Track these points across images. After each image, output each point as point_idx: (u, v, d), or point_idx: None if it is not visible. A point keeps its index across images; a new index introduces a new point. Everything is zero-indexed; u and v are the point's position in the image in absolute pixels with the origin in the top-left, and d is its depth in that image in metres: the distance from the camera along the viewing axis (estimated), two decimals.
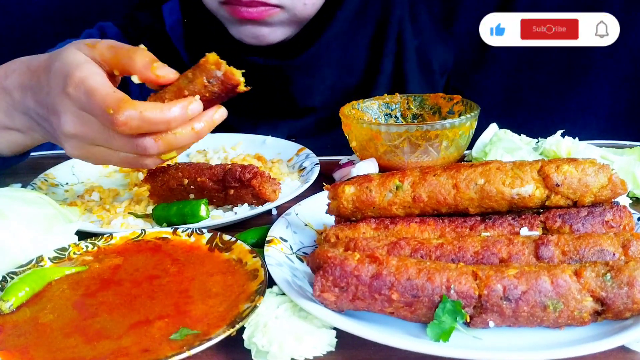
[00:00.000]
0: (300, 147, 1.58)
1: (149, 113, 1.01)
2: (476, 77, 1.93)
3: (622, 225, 0.96)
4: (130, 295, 0.95)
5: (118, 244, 1.11)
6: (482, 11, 1.64)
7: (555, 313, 0.81)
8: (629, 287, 0.81)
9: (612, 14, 1.56)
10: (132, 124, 1.01)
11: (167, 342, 0.83)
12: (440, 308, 0.82)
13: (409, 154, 1.37)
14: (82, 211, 1.33)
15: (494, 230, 0.98)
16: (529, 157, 1.36)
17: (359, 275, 0.83)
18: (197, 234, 1.11)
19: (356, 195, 1.02)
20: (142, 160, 1.10)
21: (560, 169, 0.96)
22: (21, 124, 1.23)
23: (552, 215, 0.98)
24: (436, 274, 0.83)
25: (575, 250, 0.89)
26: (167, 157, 1.10)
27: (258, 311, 0.88)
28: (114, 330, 0.86)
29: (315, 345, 0.84)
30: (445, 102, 1.53)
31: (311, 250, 1.04)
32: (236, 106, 1.85)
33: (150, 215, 1.27)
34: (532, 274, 0.82)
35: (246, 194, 1.27)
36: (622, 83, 1.87)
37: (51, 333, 0.87)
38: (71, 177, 1.53)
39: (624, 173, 1.27)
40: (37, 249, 1.06)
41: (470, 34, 1.72)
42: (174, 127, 1.04)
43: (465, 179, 0.99)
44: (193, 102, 1.05)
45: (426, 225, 1.00)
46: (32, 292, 0.96)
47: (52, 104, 1.10)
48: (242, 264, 1.01)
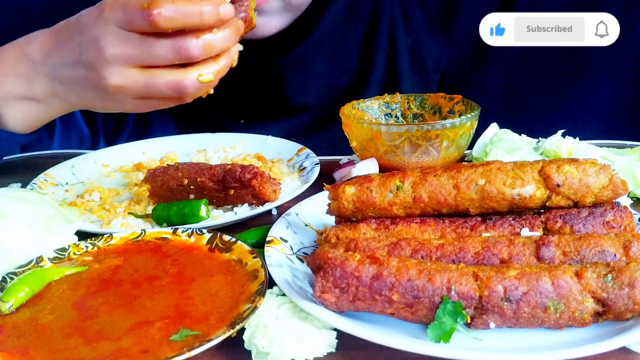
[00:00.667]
0: (301, 147, 1.58)
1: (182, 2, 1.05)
2: (476, 77, 1.93)
3: (623, 225, 0.96)
4: (130, 296, 0.95)
5: (118, 244, 1.11)
6: (482, 11, 1.63)
7: (556, 314, 0.81)
8: (630, 288, 0.81)
9: (612, 14, 1.55)
10: (165, 13, 1.04)
11: (167, 343, 0.83)
12: (440, 309, 0.82)
13: (410, 154, 1.36)
14: (82, 211, 1.33)
15: (495, 230, 0.98)
16: (530, 157, 1.36)
17: (359, 276, 0.83)
18: (197, 234, 1.11)
19: (356, 196, 1.02)
20: (185, 79, 1.10)
21: (561, 170, 0.96)
22: (41, 89, 1.24)
23: (553, 216, 0.98)
24: (437, 274, 0.83)
25: (576, 251, 0.89)
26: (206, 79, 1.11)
27: (258, 312, 0.88)
28: (114, 331, 0.86)
29: (315, 346, 0.84)
30: (445, 102, 1.53)
31: (311, 251, 1.04)
32: (229, 105, 1.86)
33: (150, 215, 1.27)
34: (533, 274, 0.82)
35: (246, 194, 1.26)
36: (622, 83, 1.86)
37: (51, 334, 0.87)
38: (71, 177, 1.52)
39: (625, 173, 1.27)
40: (37, 249, 1.06)
41: (470, 34, 1.72)
42: (206, 20, 1.06)
43: (465, 179, 0.99)
44: (224, 4, 1.09)
45: (427, 225, 1.00)
46: (31, 293, 0.96)
47: (88, 38, 1.13)
48: (242, 264, 1.01)
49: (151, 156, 1.62)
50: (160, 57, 1.09)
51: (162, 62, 1.10)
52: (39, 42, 1.23)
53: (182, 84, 1.10)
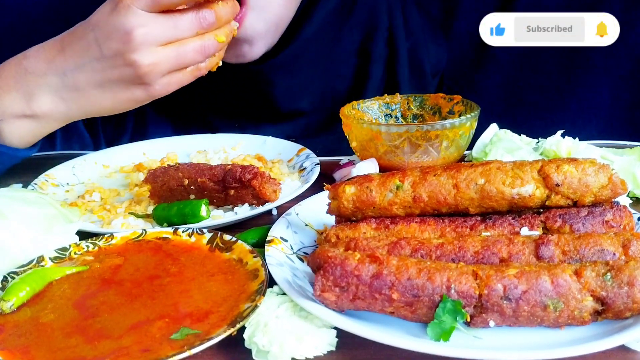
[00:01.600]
0: (301, 147, 1.58)
1: None
2: (476, 77, 1.93)
3: (622, 225, 0.96)
4: (131, 295, 0.95)
5: (119, 244, 1.11)
6: (481, 11, 1.64)
7: (556, 313, 0.82)
8: (629, 287, 0.81)
9: (612, 14, 1.55)
10: None
11: (167, 342, 0.83)
12: (440, 308, 0.82)
13: (409, 154, 1.37)
14: (83, 211, 1.33)
15: (494, 230, 0.98)
16: (529, 157, 1.36)
17: (359, 275, 0.84)
18: (198, 234, 1.11)
19: (356, 195, 1.02)
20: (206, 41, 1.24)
21: (561, 169, 0.96)
22: (41, 106, 1.26)
23: (553, 215, 0.98)
24: (436, 273, 0.83)
25: (576, 250, 0.89)
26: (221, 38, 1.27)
27: (259, 311, 0.88)
28: (115, 330, 0.86)
29: (315, 345, 0.84)
30: (445, 102, 1.53)
31: (312, 250, 1.04)
32: (221, 111, 1.86)
33: (150, 215, 1.27)
34: (532, 273, 0.82)
35: (246, 194, 1.27)
36: (622, 83, 1.87)
37: (52, 333, 0.87)
38: (72, 178, 1.53)
39: (624, 173, 1.27)
40: (38, 249, 1.06)
41: (470, 34, 1.72)
42: None
43: (465, 179, 0.99)
44: None
45: (426, 225, 1.00)
46: (32, 292, 0.96)
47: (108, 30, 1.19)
48: (242, 263, 1.01)
49: (152, 157, 1.62)
50: (186, 30, 1.21)
51: (188, 35, 1.22)
52: (39, 54, 1.25)
53: (205, 45, 1.24)
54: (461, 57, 1.92)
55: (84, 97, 1.25)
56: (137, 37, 1.17)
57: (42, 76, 1.23)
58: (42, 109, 1.26)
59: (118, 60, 1.19)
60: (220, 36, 1.28)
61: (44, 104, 1.25)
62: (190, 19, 1.21)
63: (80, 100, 1.25)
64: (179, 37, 1.21)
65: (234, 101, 1.85)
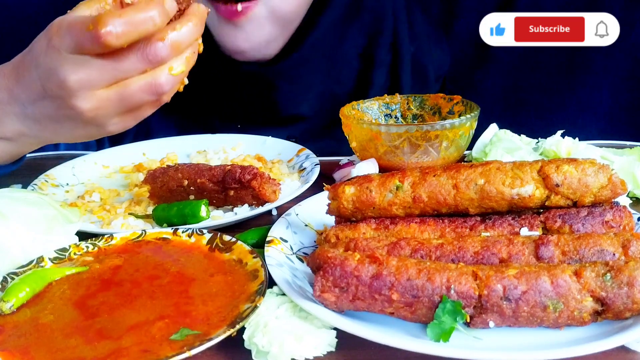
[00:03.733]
0: (301, 147, 1.58)
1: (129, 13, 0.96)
2: (476, 78, 1.93)
3: (622, 225, 0.96)
4: (131, 296, 0.95)
5: (118, 244, 1.11)
6: (481, 11, 1.64)
7: (555, 313, 0.81)
8: (629, 287, 0.81)
9: (612, 14, 1.56)
10: (116, 30, 0.95)
11: (167, 343, 0.83)
12: (440, 308, 0.82)
13: (409, 155, 1.37)
14: (83, 212, 1.33)
15: (494, 230, 0.98)
16: (529, 158, 1.37)
17: (359, 276, 0.84)
18: (198, 234, 1.11)
19: (356, 196, 1.02)
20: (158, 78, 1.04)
21: (560, 169, 0.96)
22: (12, 129, 1.18)
23: (552, 216, 0.98)
24: (436, 274, 0.83)
25: (575, 251, 0.89)
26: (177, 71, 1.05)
27: (258, 311, 0.88)
28: (115, 330, 0.86)
29: (315, 346, 0.84)
30: (445, 103, 1.53)
31: (311, 251, 1.04)
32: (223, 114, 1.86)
33: (150, 215, 1.27)
34: (532, 274, 0.82)
35: (246, 194, 1.27)
36: (622, 83, 1.87)
37: (52, 333, 0.87)
38: (71, 178, 1.53)
39: (624, 173, 1.27)
40: (38, 250, 1.06)
41: (470, 34, 1.72)
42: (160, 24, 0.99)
43: (465, 179, 0.99)
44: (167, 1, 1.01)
45: (426, 225, 1.00)
46: (32, 293, 0.96)
47: (45, 70, 1.05)
48: (242, 264, 1.01)
49: (151, 157, 1.62)
50: (130, 70, 1.02)
51: (133, 74, 1.03)
52: (2, 81, 1.15)
53: (156, 83, 1.04)
54: (461, 57, 1.92)
55: (46, 129, 1.16)
56: (72, 84, 1.02)
57: (6, 104, 1.15)
58: (13, 133, 1.19)
59: (61, 104, 1.07)
60: (178, 66, 1.05)
61: (14, 129, 1.18)
62: (134, 59, 1.01)
63: (43, 131, 1.16)
64: (121, 78, 1.03)
65: (236, 105, 1.85)
